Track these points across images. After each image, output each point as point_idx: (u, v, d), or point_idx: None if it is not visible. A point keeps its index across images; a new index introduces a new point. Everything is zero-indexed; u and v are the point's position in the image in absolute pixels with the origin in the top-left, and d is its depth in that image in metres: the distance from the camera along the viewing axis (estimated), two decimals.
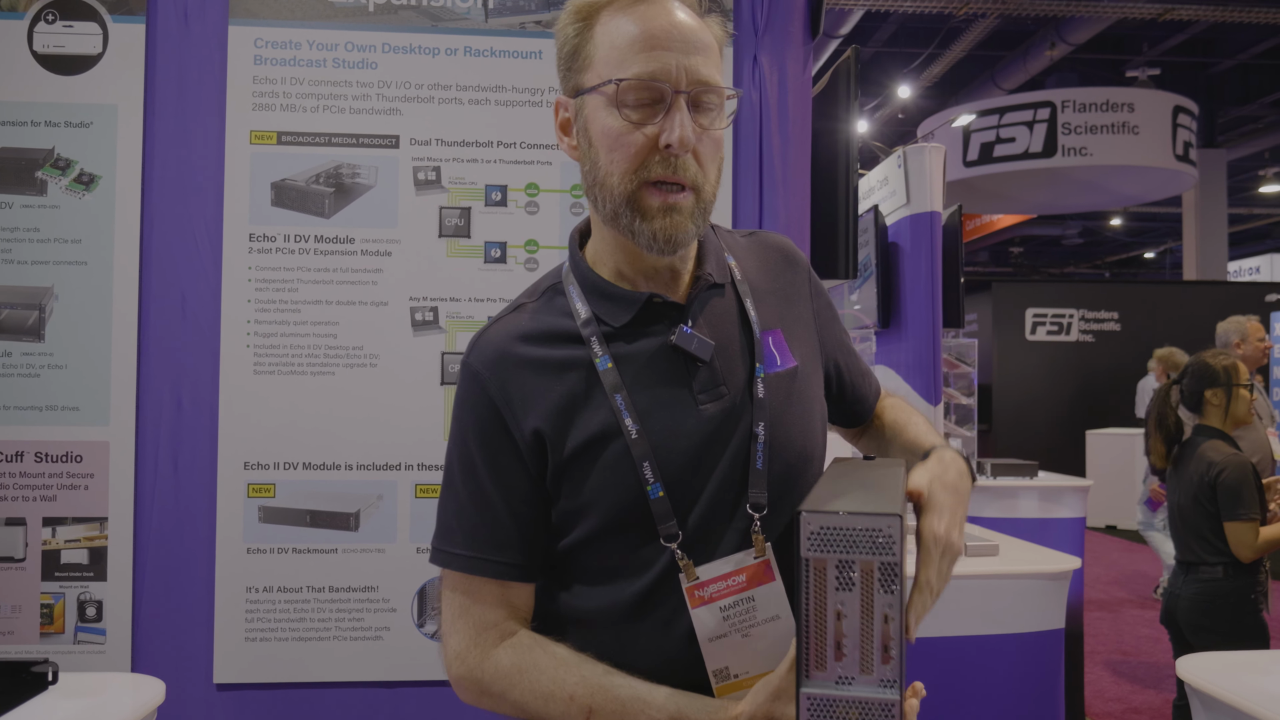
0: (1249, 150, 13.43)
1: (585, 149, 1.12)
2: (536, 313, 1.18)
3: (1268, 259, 15.85)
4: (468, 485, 1.14)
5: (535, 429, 1.12)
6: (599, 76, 1.08)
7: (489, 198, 2.35)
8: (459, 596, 1.16)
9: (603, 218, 1.12)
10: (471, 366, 1.15)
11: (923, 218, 4.27)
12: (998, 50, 11.12)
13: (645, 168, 1.07)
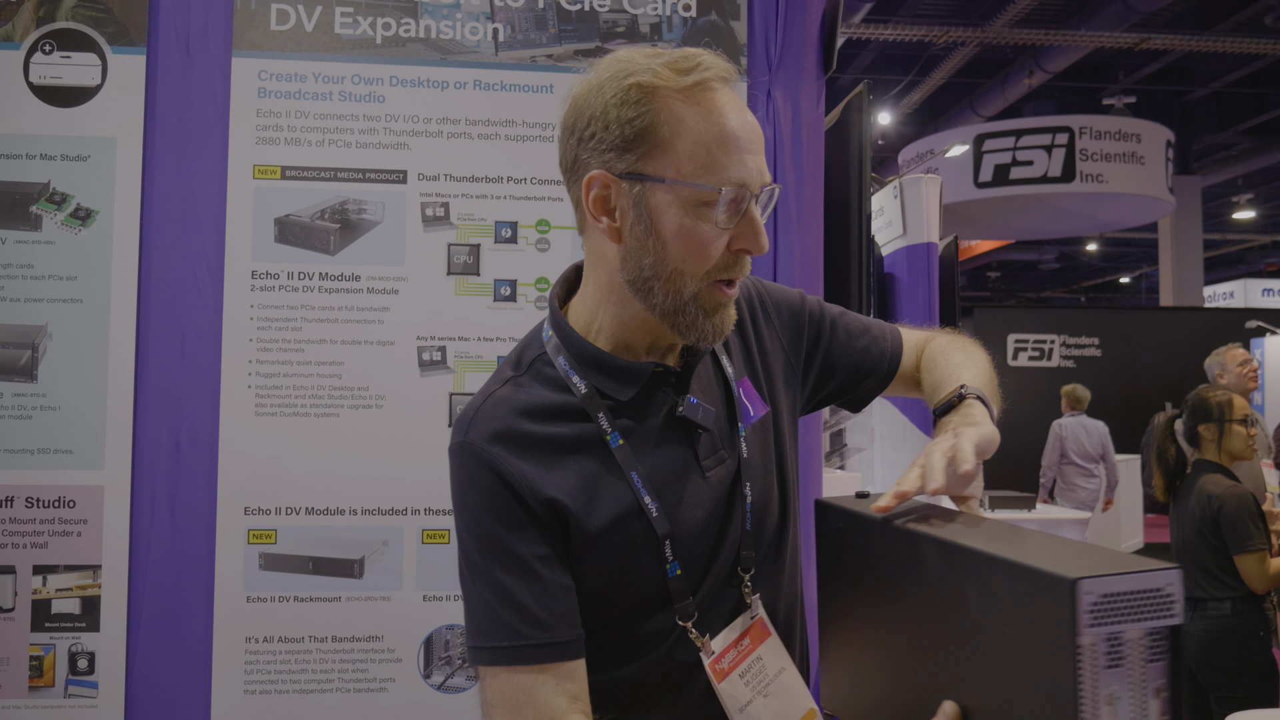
0: (1223, 177, 13.62)
1: (643, 238, 1.07)
2: (528, 387, 1.13)
3: (1241, 284, 16.05)
4: (503, 567, 1.06)
5: (551, 499, 1.08)
6: (680, 174, 1.04)
7: (499, 234, 2.29)
8: (514, 695, 1.05)
9: (653, 307, 1.09)
10: (471, 446, 1.09)
11: (920, 249, 4.25)
12: (976, 78, 11.21)
13: (716, 268, 1.08)
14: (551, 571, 1.08)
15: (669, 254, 1.06)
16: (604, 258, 1.12)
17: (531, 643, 1.05)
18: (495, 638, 1.06)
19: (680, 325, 1.09)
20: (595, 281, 1.15)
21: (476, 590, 1.08)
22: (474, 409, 1.12)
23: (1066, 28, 9.35)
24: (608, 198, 1.08)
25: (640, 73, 1.05)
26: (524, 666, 1.05)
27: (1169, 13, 9.41)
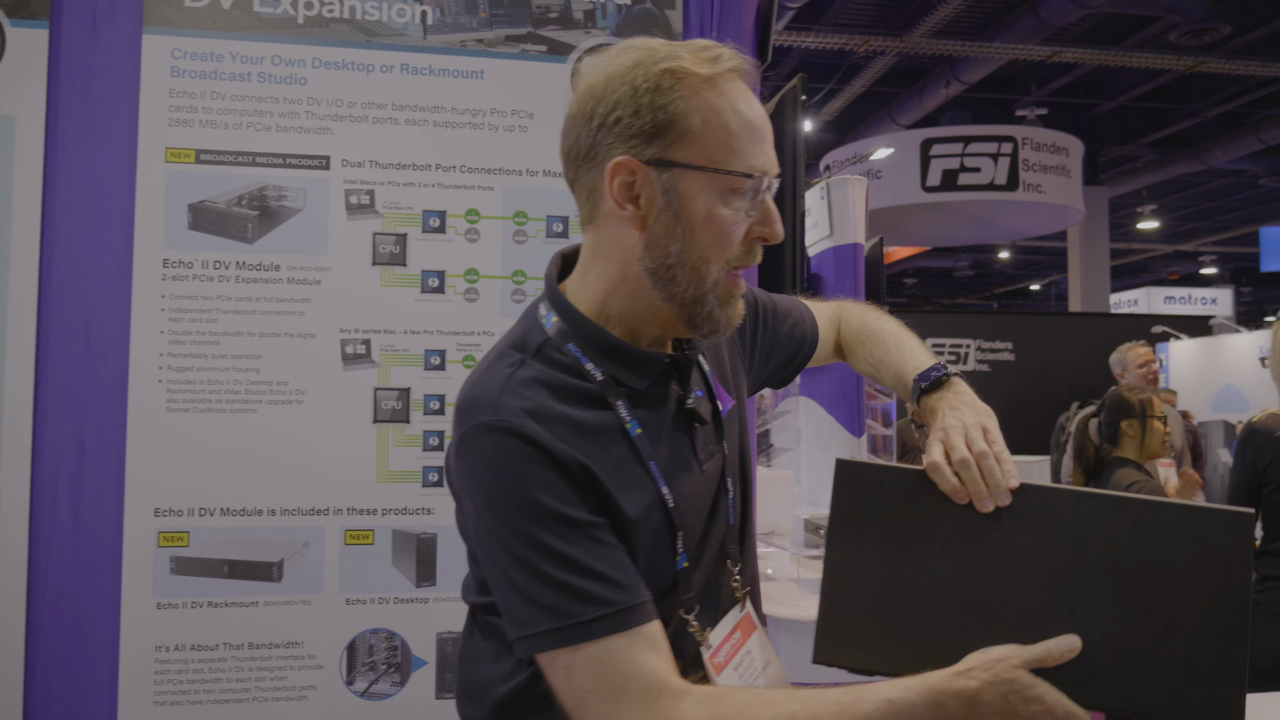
0: (1128, 188, 14.06)
1: (670, 225, 1.06)
2: (543, 369, 1.08)
3: (1145, 291, 16.63)
4: (565, 538, 1.00)
5: (595, 476, 1.04)
6: (708, 159, 1.04)
7: (426, 224, 2.21)
8: (613, 670, 0.98)
9: (672, 296, 1.08)
10: (505, 423, 1.02)
11: (846, 249, 4.28)
12: (895, 87, 11.39)
13: (735, 257, 1.08)
14: (611, 537, 1.03)
15: (696, 241, 1.06)
16: (619, 247, 1.09)
17: (621, 607, 0.99)
18: (575, 613, 0.98)
19: (698, 316, 1.09)
20: (602, 271, 1.11)
21: (537, 570, 1.00)
22: (494, 389, 1.05)
23: (982, 39, 9.56)
24: (632, 184, 1.06)
25: (669, 59, 1.04)
26: (618, 634, 0.98)
27: (1080, 27, 9.67)
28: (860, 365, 1.47)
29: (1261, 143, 11.74)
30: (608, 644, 0.98)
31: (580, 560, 0.99)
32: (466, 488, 1.05)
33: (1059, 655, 1.01)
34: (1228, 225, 17.35)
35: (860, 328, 1.47)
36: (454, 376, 2.21)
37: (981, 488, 1.09)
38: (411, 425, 2.19)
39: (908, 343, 1.40)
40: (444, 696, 2.19)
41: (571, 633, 0.98)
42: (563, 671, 0.99)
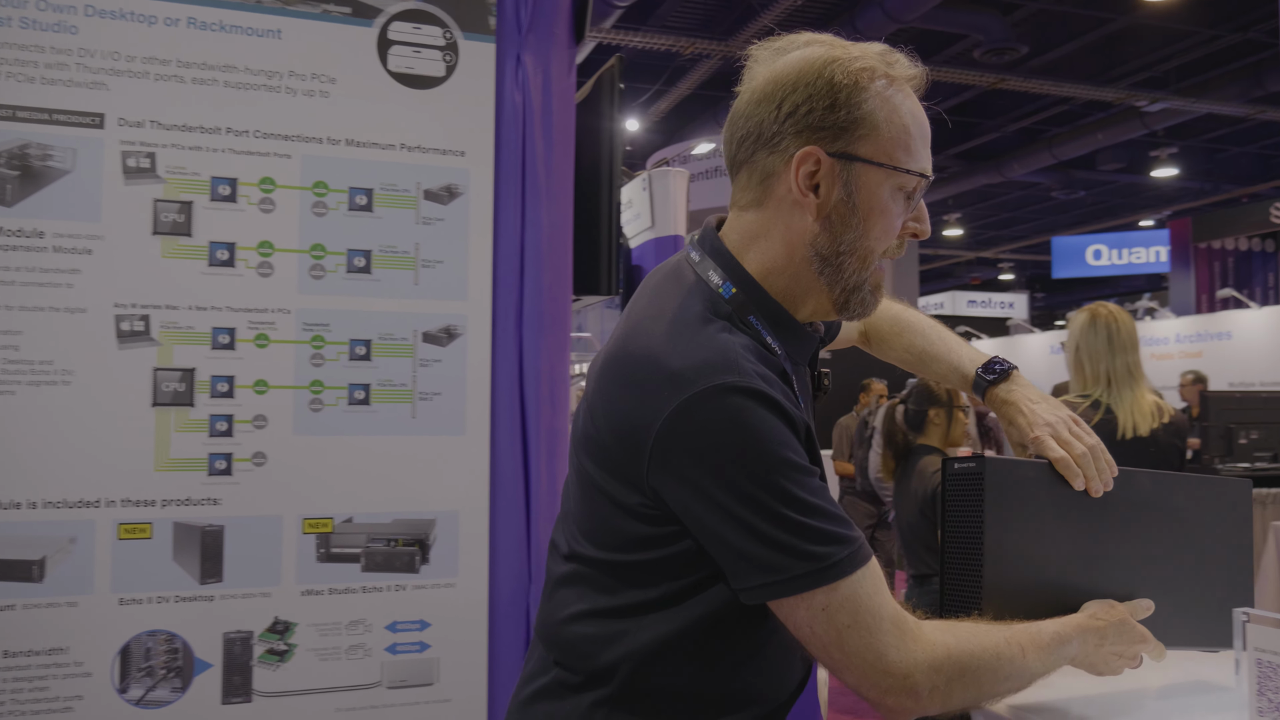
0: (936, 197, 14.78)
1: (847, 215, 1.13)
2: (748, 340, 1.12)
3: (950, 295, 17.59)
4: (806, 487, 1.05)
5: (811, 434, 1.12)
6: (889, 157, 1.12)
7: (215, 192, 2.05)
8: (866, 598, 1.06)
9: (834, 280, 1.15)
10: (749, 385, 1.04)
11: (667, 240, 4.26)
12: (722, 91, 11.60)
13: (891, 248, 1.17)
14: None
15: (868, 231, 1.13)
16: (789, 230, 1.15)
17: (859, 543, 1.07)
18: (828, 554, 1.04)
19: (853, 300, 1.17)
20: (766, 251, 1.17)
21: (788, 520, 1.04)
22: (728, 352, 1.07)
23: None
24: (815, 173, 1.12)
25: (864, 59, 1.13)
26: (860, 569, 1.06)
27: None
28: (896, 354, 1.62)
29: (1055, 158, 12.57)
30: (855, 580, 1.05)
31: (822, 506, 1.05)
32: (700, 447, 1.04)
33: (1143, 611, 1.33)
34: (1024, 235, 18.54)
35: (894, 319, 1.63)
36: (245, 356, 2.06)
37: (1099, 477, 1.34)
38: (196, 409, 2.02)
39: (948, 335, 1.59)
40: (231, 701, 2.03)
41: (829, 572, 1.04)
42: (820, 613, 1.05)
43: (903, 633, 1.06)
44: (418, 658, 2.17)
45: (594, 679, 1.15)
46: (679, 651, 1.12)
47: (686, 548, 1.09)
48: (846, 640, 1.05)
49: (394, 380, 2.16)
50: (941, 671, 1.07)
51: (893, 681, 1.05)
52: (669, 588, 1.12)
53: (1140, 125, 11.39)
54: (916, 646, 1.06)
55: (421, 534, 2.17)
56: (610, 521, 1.13)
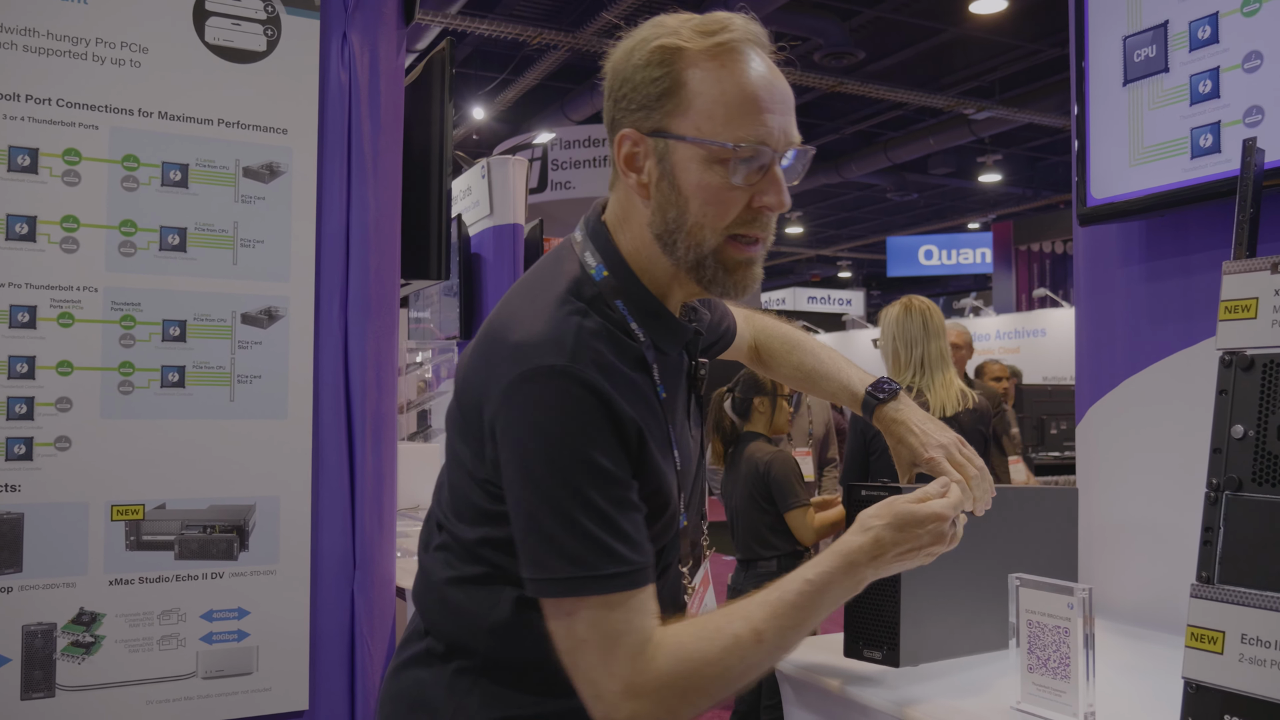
0: None
1: (668, 194, 1.13)
2: (604, 325, 1.12)
3: (791, 291, 18.12)
4: (605, 495, 1.05)
5: (643, 436, 1.10)
6: (699, 131, 1.10)
7: (14, 162, 1.94)
8: (613, 626, 1.04)
9: (678, 261, 1.15)
10: (578, 372, 1.05)
11: (505, 229, 4.27)
12: (568, 83, 11.61)
13: (735, 223, 1.13)
14: (638, 500, 1.10)
15: (690, 209, 1.12)
16: (635, 212, 1.17)
17: (635, 567, 1.06)
18: (596, 566, 1.03)
19: (704, 279, 1.15)
20: (629, 234, 1.19)
21: (572, 521, 1.03)
22: (567, 334, 1.08)
23: None
24: (637, 155, 1.14)
25: (666, 36, 1.12)
26: (624, 593, 1.04)
27: None
28: (786, 371, 1.65)
29: (889, 160, 13.10)
30: (613, 600, 1.04)
31: (613, 519, 1.04)
32: (517, 425, 1.05)
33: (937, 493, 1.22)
34: (861, 234, 19.26)
35: (784, 337, 1.66)
36: (47, 336, 1.96)
37: (986, 499, 1.38)
38: None
39: (837, 356, 1.63)
40: (31, 697, 1.93)
41: (587, 584, 1.03)
42: (566, 618, 1.05)
43: (633, 661, 1.04)
44: (235, 647, 2.11)
45: (458, 648, 1.18)
46: (536, 625, 1.11)
47: None
48: (578, 654, 1.06)
49: (210, 362, 2.09)
50: (650, 697, 1.04)
51: (605, 709, 1.06)
52: (513, 562, 1.11)
53: (968, 132, 11.99)
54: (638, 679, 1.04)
55: (240, 520, 2.11)
56: (468, 495, 1.15)
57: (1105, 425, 1.90)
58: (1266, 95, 1.54)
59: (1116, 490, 1.87)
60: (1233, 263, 1.17)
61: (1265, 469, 1.09)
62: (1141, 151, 1.72)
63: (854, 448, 3.44)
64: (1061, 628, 1.27)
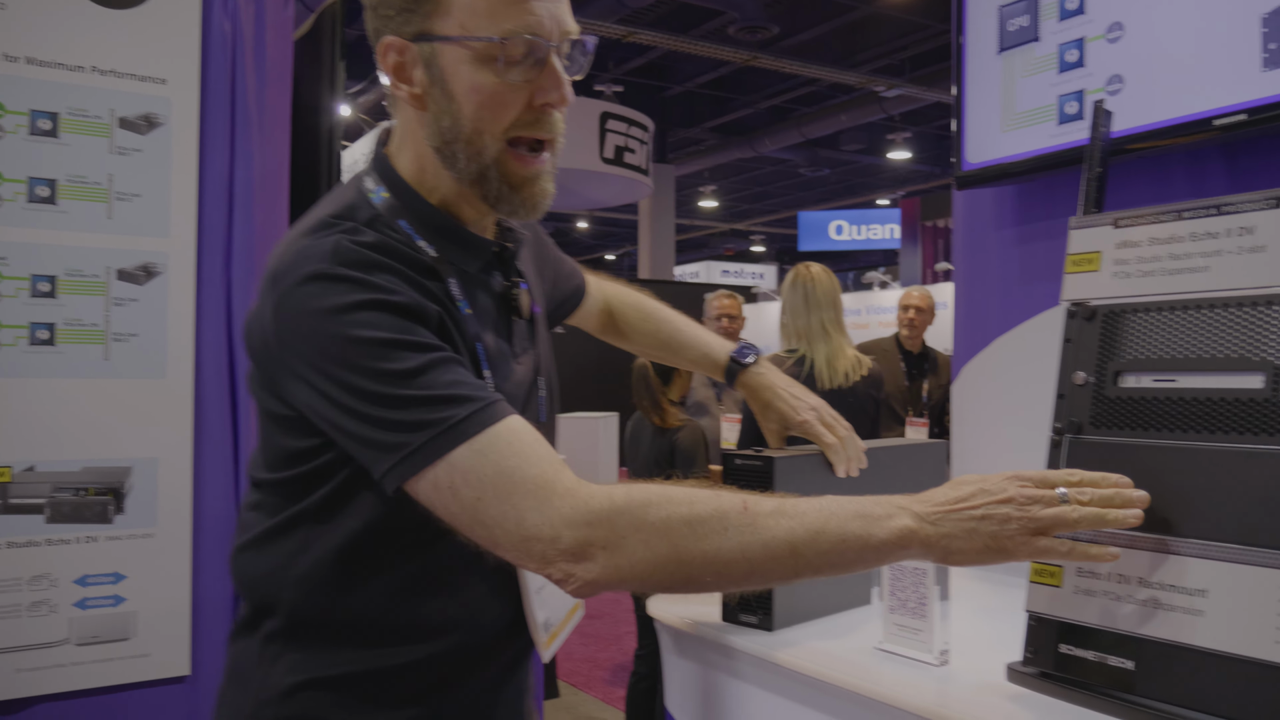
0: (693, 168, 15.24)
1: (442, 102, 1.04)
2: (381, 239, 1.02)
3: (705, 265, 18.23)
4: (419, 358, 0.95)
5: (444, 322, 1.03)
6: (463, 28, 1.02)
7: None
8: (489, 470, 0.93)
9: (460, 174, 1.06)
10: (339, 273, 0.96)
11: None
12: None
13: (516, 125, 1.05)
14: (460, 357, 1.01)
15: (464, 114, 1.04)
16: (414, 127, 1.08)
17: (487, 400, 0.96)
18: (444, 419, 0.94)
19: (489, 195, 1.07)
20: (412, 153, 1.10)
21: (391, 396, 0.94)
22: (326, 243, 0.99)
23: None
24: (404, 65, 1.05)
25: None
26: (491, 428, 0.95)
27: (654, 12, 10.27)
28: (644, 341, 1.58)
29: (803, 136, 13.22)
30: (480, 445, 0.94)
31: (435, 374, 0.96)
32: (295, 341, 0.98)
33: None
34: (774, 209, 19.45)
35: (639, 305, 1.59)
36: None
37: (858, 460, 1.42)
38: None
39: (692, 324, 1.58)
40: None
41: (445, 439, 0.93)
42: (446, 491, 0.94)
43: (548, 492, 0.93)
44: (111, 612, 2.06)
45: (263, 611, 1.10)
46: (343, 574, 1.05)
47: (335, 456, 1.03)
48: (482, 513, 0.93)
49: (84, 320, 2.03)
50: (604, 524, 0.92)
51: (543, 547, 0.92)
52: (319, 500, 1.05)
53: (879, 110, 12.15)
54: (565, 503, 0.92)
55: (116, 482, 2.06)
56: (273, 439, 1.08)
57: (979, 382, 1.96)
58: (1127, 64, 1.60)
59: (989, 443, 1.94)
60: (1079, 218, 1.21)
61: (1104, 413, 1.14)
62: (1013, 117, 1.77)
63: (749, 414, 3.49)
64: (919, 570, 1.31)
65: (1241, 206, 1.06)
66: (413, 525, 1.02)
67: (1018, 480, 0.99)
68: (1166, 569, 1.04)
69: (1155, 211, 1.13)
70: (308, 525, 1.06)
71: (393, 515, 1.03)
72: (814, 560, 0.95)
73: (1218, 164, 1.59)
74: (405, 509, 0.99)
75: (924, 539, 0.96)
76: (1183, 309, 1.09)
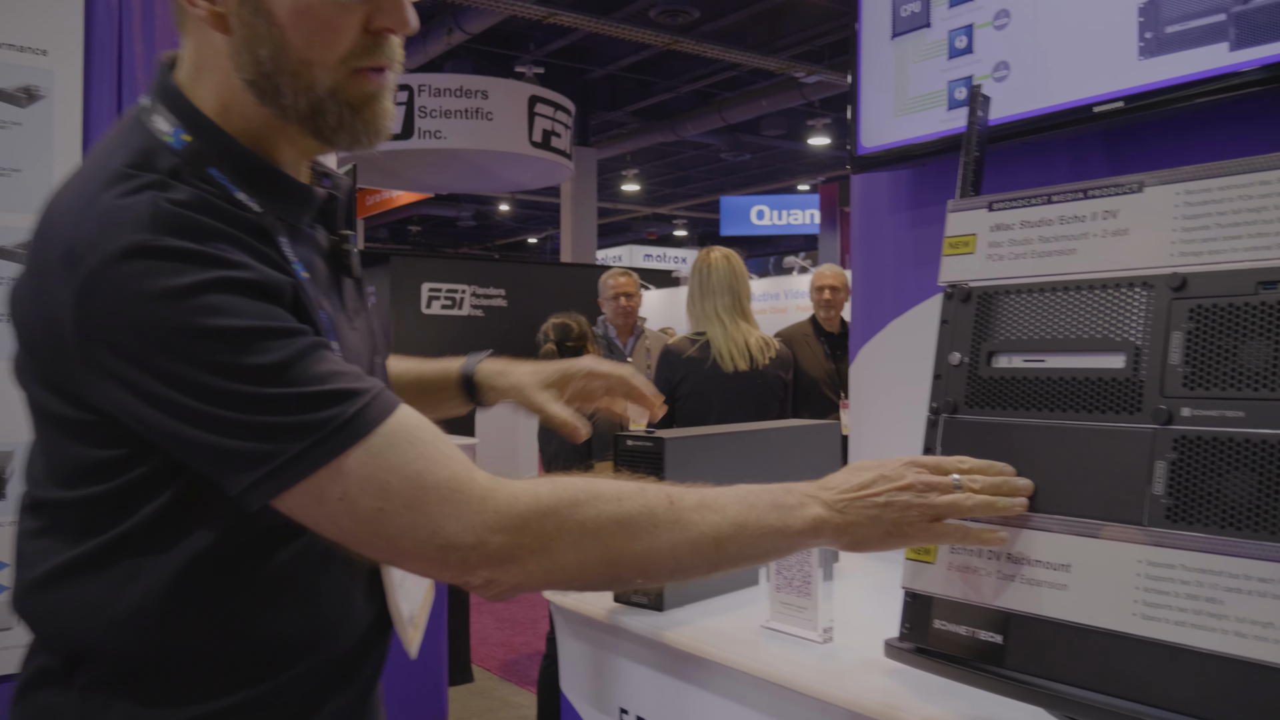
0: (615, 152, 15.21)
1: (256, 26, 0.87)
2: (197, 195, 0.85)
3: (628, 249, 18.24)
4: (284, 348, 0.81)
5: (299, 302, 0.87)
6: None
7: None
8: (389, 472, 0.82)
9: (285, 111, 0.90)
10: (167, 245, 0.79)
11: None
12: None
13: (353, 54, 0.90)
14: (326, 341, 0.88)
15: (289, 42, 0.87)
16: (214, 55, 0.90)
17: (376, 391, 0.84)
18: (330, 418, 0.81)
19: (325, 129, 0.91)
20: (210, 85, 0.91)
21: (256, 395, 0.79)
22: (140, 207, 0.81)
23: None
24: None
25: None
26: (386, 422, 0.83)
27: None
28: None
29: (724, 121, 13.27)
30: (372, 447, 0.82)
31: (306, 365, 0.81)
32: (112, 334, 0.80)
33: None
34: (697, 193, 19.52)
35: None
36: None
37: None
38: None
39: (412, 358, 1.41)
40: None
41: (331, 443, 0.81)
42: (335, 504, 0.81)
43: (465, 496, 0.84)
44: None
45: (77, 659, 0.90)
46: (181, 603, 0.87)
47: (155, 467, 0.85)
48: (385, 525, 0.82)
49: None
50: (531, 527, 0.85)
51: (463, 555, 0.83)
52: (143, 522, 0.87)
53: (799, 95, 12.25)
54: (486, 506, 0.84)
55: None
56: (61, 449, 0.89)
57: (874, 364, 1.99)
58: (1013, 52, 1.63)
59: (884, 425, 1.97)
60: (956, 201, 1.24)
61: (978, 393, 1.16)
62: (906, 102, 1.80)
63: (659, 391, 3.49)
64: (805, 550, 1.33)
65: (1106, 191, 1.09)
66: (261, 536, 0.90)
67: (914, 466, 1.01)
68: (1033, 544, 1.07)
69: (1027, 195, 1.16)
70: (131, 554, 0.87)
71: (241, 530, 0.89)
72: (736, 554, 0.93)
73: (1099, 151, 1.63)
74: (255, 521, 0.85)
75: (834, 527, 0.97)
76: (1052, 290, 1.12)
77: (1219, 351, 0.97)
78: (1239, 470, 0.93)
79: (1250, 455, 0.93)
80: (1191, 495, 0.96)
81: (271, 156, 0.93)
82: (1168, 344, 1.01)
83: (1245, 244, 0.97)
